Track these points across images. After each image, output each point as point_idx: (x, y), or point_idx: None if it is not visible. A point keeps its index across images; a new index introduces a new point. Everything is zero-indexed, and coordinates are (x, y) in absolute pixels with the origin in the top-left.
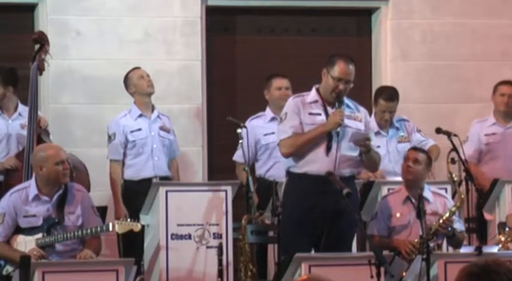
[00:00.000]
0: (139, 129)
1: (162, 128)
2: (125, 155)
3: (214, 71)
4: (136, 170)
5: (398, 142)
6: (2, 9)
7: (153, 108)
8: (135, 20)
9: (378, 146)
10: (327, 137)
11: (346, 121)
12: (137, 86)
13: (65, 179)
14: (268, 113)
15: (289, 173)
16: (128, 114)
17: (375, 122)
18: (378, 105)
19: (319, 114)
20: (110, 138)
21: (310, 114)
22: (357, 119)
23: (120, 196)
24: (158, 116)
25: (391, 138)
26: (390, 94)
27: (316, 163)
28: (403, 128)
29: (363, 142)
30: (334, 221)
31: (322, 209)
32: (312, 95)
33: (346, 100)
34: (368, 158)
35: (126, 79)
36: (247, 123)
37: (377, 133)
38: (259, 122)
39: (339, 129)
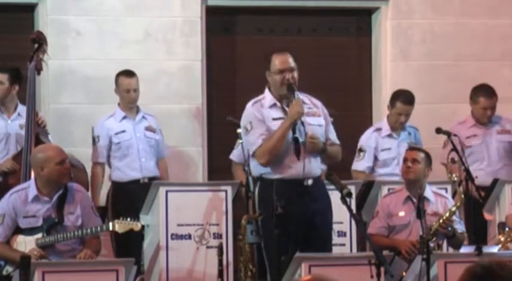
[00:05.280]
0: (124, 131)
1: (147, 129)
2: (111, 157)
3: (214, 71)
4: (124, 171)
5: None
6: (2, 9)
7: (138, 109)
8: (135, 20)
9: (389, 149)
10: (293, 141)
11: (307, 119)
12: (121, 97)
13: (66, 179)
14: None
15: (262, 179)
16: (112, 117)
17: (387, 125)
18: (394, 108)
19: (282, 118)
20: (94, 140)
21: (274, 119)
22: (316, 114)
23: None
24: (143, 117)
25: (402, 141)
26: (408, 97)
27: (290, 168)
28: (413, 135)
29: (315, 147)
30: (314, 223)
31: (301, 212)
32: (269, 99)
33: (301, 96)
34: (324, 155)
35: (116, 81)
36: None
37: (389, 136)
38: None
39: (304, 136)
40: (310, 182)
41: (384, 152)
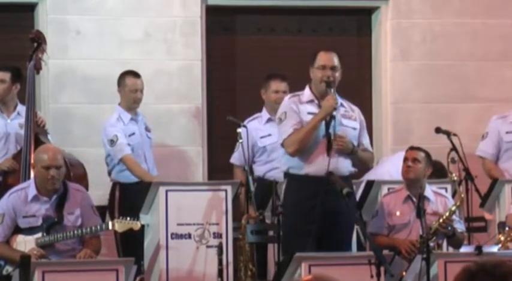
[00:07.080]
0: (134, 134)
1: (146, 129)
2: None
3: (214, 71)
4: (130, 174)
5: None
6: (2, 9)
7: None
8: (135, 20)
9: None
10: (326, 137)
11: (342, 120)
12: (127, 97)
13: (51, 186)
14: (265, 114)
15: (289, 175)
16: (120, 120)
17: None
18: None
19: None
20: (113, 141)
21: (309, 113)
22: (352, 117)
23: (145, 171)
24: (142, 117)
25: None
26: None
27: (318, 163)
28: None
29: (343, 146)
30: (335, 222)
31: (323, 209)
32: (307, 94)
33: (339, 99)
34: (355, 158)
35: (121, 80)
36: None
37: None
38: (255, 124)
39: (338, 129)
40: None
41: None
